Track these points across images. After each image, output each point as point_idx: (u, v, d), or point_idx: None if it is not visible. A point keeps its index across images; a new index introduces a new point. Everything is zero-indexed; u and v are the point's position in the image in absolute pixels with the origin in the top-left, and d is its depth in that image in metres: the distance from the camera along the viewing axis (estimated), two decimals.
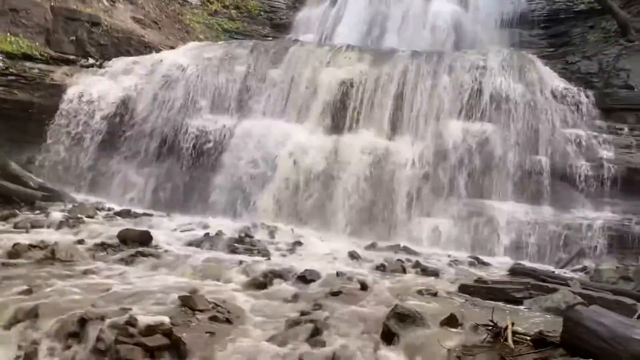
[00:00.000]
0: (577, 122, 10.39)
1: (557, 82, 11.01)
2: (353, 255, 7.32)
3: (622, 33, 12.20)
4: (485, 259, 8.26)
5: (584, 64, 11.72)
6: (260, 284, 5.51)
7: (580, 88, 10.88)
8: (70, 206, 9.07)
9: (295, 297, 5.08)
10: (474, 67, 10.99)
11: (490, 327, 3.78)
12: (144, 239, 7.05)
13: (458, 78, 10.74)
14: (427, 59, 11.25)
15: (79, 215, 8.45)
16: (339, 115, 10.58)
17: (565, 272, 7.77)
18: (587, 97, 10.70)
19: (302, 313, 4.42)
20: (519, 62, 11.21)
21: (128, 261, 6.17)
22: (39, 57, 11.40)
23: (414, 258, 7.56)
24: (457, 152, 9.85)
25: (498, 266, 7.86)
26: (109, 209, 9.39)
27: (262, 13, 16.85)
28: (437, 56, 11.49)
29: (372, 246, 8.18)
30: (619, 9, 12.67)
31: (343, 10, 16.06)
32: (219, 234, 7.94)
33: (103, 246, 6.67)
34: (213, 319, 4.27)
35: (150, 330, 3.89)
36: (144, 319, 4.00)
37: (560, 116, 10.37)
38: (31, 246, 6.24)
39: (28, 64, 11.15)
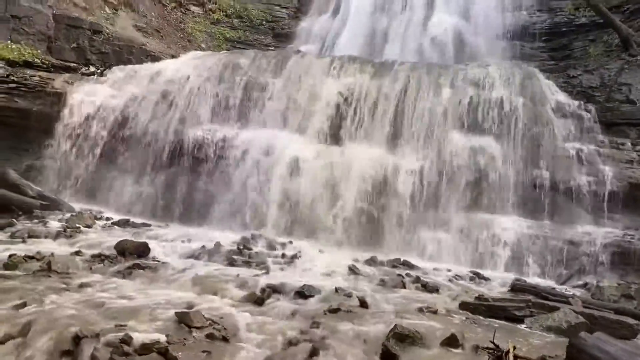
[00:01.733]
0: (579, 137, 10.35)
1: (559, 96, 11.00)
2: (352, 270, 7.25)
3: (624, 47, 12.20)
4: (485, 273, 8.20)
5: (585, 78, 11.71)
6: (258, 299, 5.44)
7: (582, 102, 10.87)
8: (68, 215, 9.00)
9: (293, 314, 5.01)
10: (475, 79, 11.00)
11: (492, 350, 3.72)
12: (142, 250, 6.99)
13: (459, 91, 10.73)
14: (428, 71, 11.24)
15: (77, 225, 8.39)
16: (340, 127, 10.55)
17: (567, 289, 7.71)
18: (589, 111, 10.67)
19: (300, 332, 4.35)
20: (521, 75, 11.21)
21: (125, 274, 6.11)
22: (40, 64, 11.37)
23: (414, 273, 7.49)
24: (457, 165, 9.81)
25: (499, 282, 7.80)
26: (108, 219, 9.33)
27: (264, 23, 16.90)
28: (438, 68, 11.49)
29: (371, 260, 8.10)
30: (620, 23, 12.68)
31: (345, 21, 16.13)
32: (217, 245, 7.86)
33: (100, 258, 6.61)
34: (210, 336, 4.20)
35: (145, 348, 3.82)
36: (139, 337, 3.94)
37: (562, 130, 10.33)
38: (27, 257, 6.18)
39: (29, 71, 11.11)
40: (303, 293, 5.70)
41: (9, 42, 11.26)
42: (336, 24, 16.28)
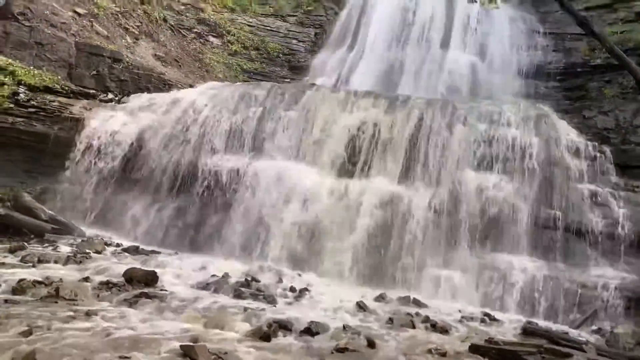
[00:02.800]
0: (593, 178, 10.26)
1: (573, 137, 10.96)
2: (361, 307, 7.16)
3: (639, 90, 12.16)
4: (496, 314, 8.05)
5: (600, 119, 11.68)
6: (264, 334, 5.37)
7: (597, 143, 10.81)
8: (79, 240, 9.05)
9: (300, 352, 4.94)
10: (489, 118, 11.00)
11: None
12: (150, 279, 6.98)
13: (473, 128, 10.72)
14: (442, 108, 11.26)
15: (87, 251, 8.43)
16: (352, 160, 10.57)
17: (580, 334, 7.52)
18: (603, 152, 10.60)
19: None
20: (535, 115, 11.21)
21: (132, 303, 6.09)
22: (60, 90, 11.58)
23: (423, 312, 7.37)
24: (469, 203, 9.72)
25: (509, 324, 7.65)
26: (118, 245, 9.34)
27: (280, 55, 17.19)
28: (452, 105, 11.50)
29: (381, 297, 7.99)
30: (636, 65, 12.65)
31: (360, 56, 16.34)
32: (225, 276, 7.85)
33: (108, 285, 6.62)
34: None
35: None
36: None
37: (576, 171, 10.25)
38: (36, 282, 6.22)
39: (49, 96, 11.31)
40: (310, 330, 5.64)
41: (31, 67, 11.52)
42: (352, 59, 16.49)
